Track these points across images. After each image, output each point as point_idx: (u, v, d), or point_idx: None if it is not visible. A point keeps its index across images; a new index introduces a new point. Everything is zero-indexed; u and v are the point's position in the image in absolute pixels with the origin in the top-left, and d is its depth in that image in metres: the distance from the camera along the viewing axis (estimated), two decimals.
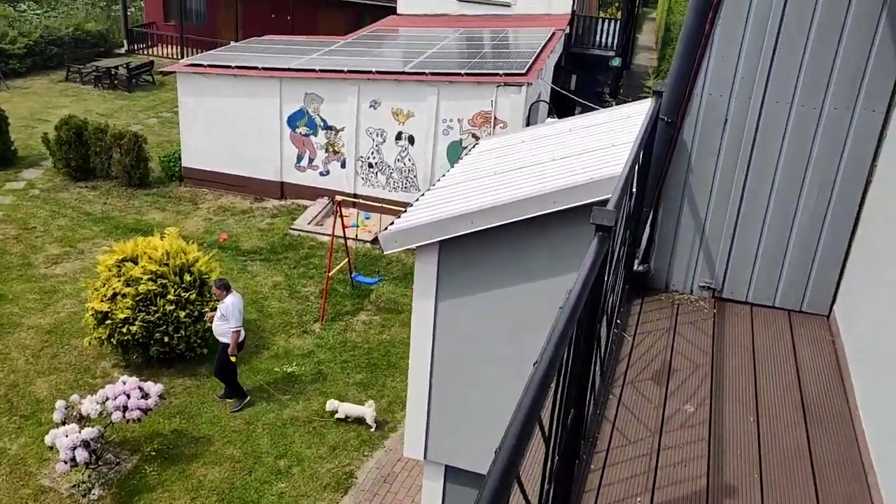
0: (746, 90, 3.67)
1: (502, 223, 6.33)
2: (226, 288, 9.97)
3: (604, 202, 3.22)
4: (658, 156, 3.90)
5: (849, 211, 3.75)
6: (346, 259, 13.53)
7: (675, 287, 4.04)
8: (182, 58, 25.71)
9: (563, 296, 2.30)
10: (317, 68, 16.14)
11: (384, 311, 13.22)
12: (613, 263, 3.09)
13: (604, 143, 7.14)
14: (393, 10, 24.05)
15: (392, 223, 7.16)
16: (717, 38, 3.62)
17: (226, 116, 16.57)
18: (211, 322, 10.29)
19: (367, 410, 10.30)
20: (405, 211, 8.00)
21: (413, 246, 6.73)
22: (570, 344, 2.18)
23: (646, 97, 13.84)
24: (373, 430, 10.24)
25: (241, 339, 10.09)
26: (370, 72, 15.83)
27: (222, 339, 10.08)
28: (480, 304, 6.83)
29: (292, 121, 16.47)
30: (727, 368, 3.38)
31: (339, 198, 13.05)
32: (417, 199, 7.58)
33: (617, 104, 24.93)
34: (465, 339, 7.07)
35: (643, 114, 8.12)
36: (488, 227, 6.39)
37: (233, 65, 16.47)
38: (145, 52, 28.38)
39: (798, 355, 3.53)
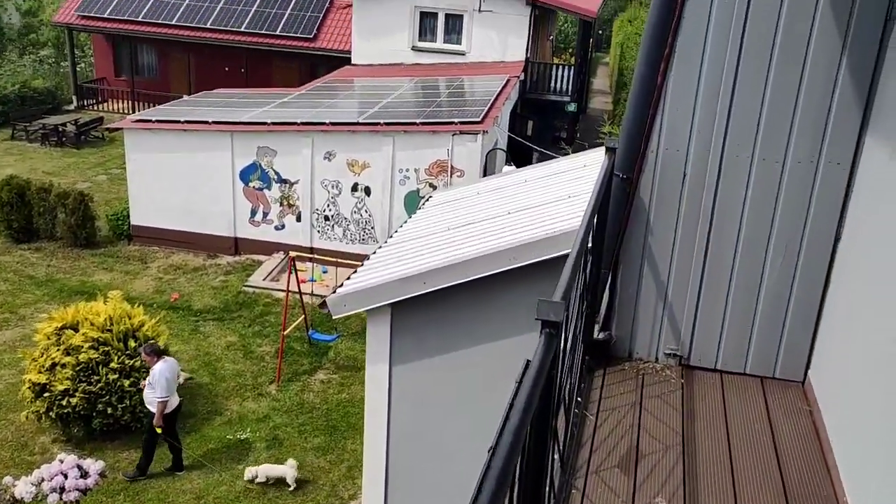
0: (704, 143, 3.44)
1: (458, 282, 6.04)
2: (156, 353, 9.40)
3: (563, 258, 2.91)
4: (615, 215, 3.64)
5: (818, 269, 3.51)
6: (303, 316, 13.07)
7: (639, 355, 3.76)
8: (134, 112, 25.27)
9: (528, 355, 2.03)
10: (269, 121, 15.85)
11: (343, 369, 12.74)
12: (569, 348, 2.77)
13: (560, 195, 6.91)
14: (348, 61, 24.00)
15: (341, 285, 6.82)
16: (671, 90, 3.40)
17: (176, 172, 16.13)
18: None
19: (288, 470, 9.76)
20: (361, 265, 7.67)
21: (364, 309, 6.39)
22: (522, 453, 1.86)
23: (602, 142, 13.83)
24: (291, 489, 9.69)
25: (171, 408, 9.51)
26: (324, 123, 15.58)
27: (151, 408, 9.51)
28: (439, 368, 6.46)
29: (245, 175, 16.09)
30: (700, 450, 3.08)
31: (293, 253, 12.64)
32: (369, 258, 7.24)
33: (574, 149, 25.07)
34: (423, 405, 6.68)
35: (599, 162, 7.96)
36: (443, 286, 6.09)
37: (182, 119, 16.10)
38: (95, 108, 27.87)
39: (775, 430, 3.24)
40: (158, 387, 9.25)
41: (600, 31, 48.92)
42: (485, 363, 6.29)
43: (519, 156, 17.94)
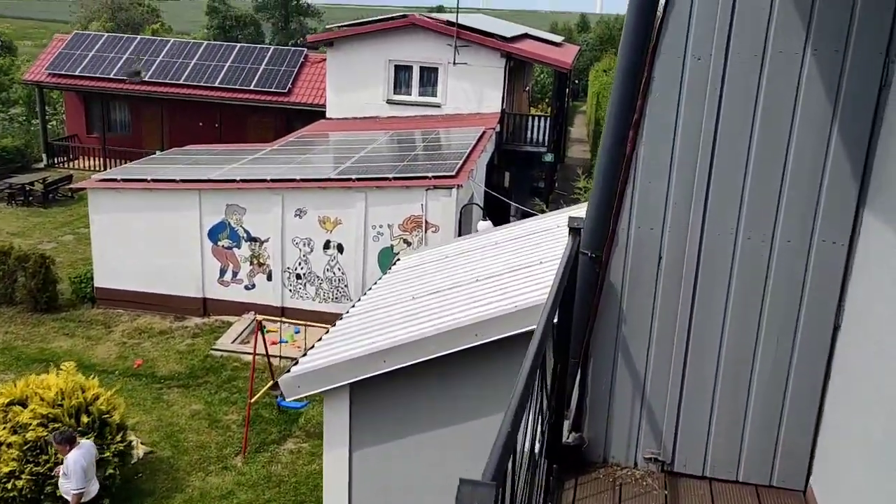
0: (681, 221, 3.03)
1: (421, 360, 5.57)
2: (68, 441, 8.63)
3: (530, 333, 2.47)
4: (583, 299, 3.20)
5: (816, 361, 3.08)
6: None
7: (615, 460, 3.27)
8: (105, 169, 24.81)
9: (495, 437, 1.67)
10: (238, 178, 15.43)
11: (314, 437, 12.08)
12: (527, 464, 2.29)
13: (531, 260, 6.49)
14: (323, 114, 23.79)
15: (312, 346, 6.31)
16: (641, 161, 3.00)
17: (142, 232, 15.61)
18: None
19: None
20: (334, 325, 7.15)
21: (320, 391, 5.88)
22: None
23: (578, 197, 13.52)
24: None
25: (88, 497, 8.78)
26: (294, 179, 15.19)
27: (68, 498, 8.78)
28: (402, 453, 5.93)
29: (213, 234, 15.59)
30: None
31: (259, 317, 12.08)
32: (328, 331, 6.75)
33: (553, 197, 24.85)
34: (385, 492, 6.12)
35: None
36: (405, 364, 5.61)
37: (149, 178, 15.64)
38: (66, 166, 27.38)
39: None
40: (74, 477, 8.52)
41: (577, 81, 49.42)
42: (451, 446, 5.78)
43: (496, 210, 17.61)
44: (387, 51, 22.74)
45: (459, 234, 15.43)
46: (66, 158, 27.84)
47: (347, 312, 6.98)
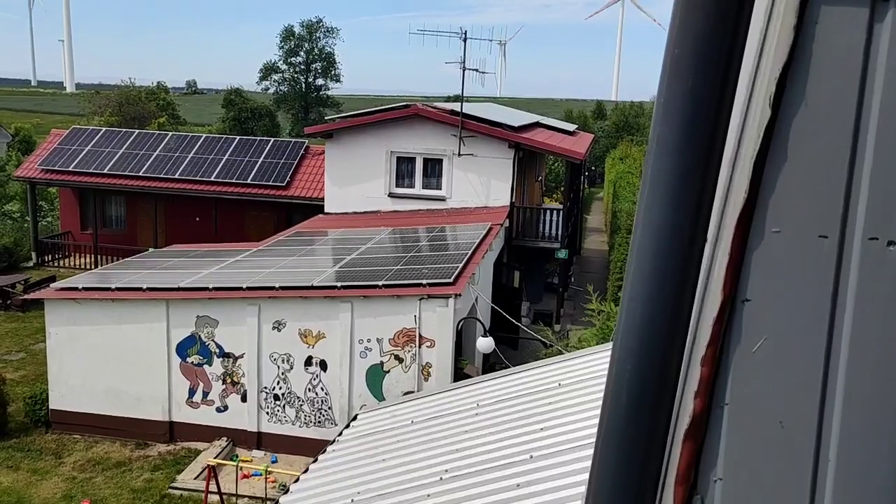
0: None
1: None
2: None
3: None
4: None
5: None
6: None
7: None
8: (97, 267, 23.42)
9: None
10: (210, 286, 13.79)
11: None
12: None
13: (521, 445, 4.59)
14: (323, 208, 22.42)
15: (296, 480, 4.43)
16: None
17: (103, 348, 13.91)
18: None
19: None
20: (319, 457, 5.29)
21: None
22: None
23: (591, 316, 11.60)
24: None
25: None
26: (272, 288, 13.51)
27: None
28: None
29: (182, 349, 13.84)
30: None
31: (211, 461, 10.14)
32: (307, 470, 4.84)
33: (567, 295, 22.98)
34: None
35: (578, 380, 5.73)
36: None
37: (113, 286, 14.05)
38: (57, 265, 26.10)
39: None
40: None
41: (593, 168, 48.27)
42: None
43: (500, 321, 15.76)
44: (388, 142, 21.49)
45: (458, 351, 13.54)
46: (58, 256, 26.60)
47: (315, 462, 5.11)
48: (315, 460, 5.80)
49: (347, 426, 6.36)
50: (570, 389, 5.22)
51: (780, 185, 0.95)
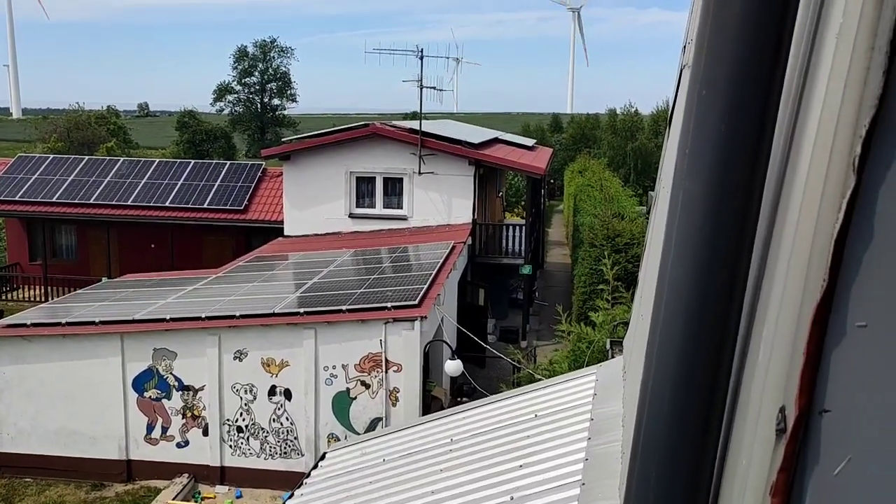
0: None
1: None
2: None
3: None
4: None
5: None
6: None
7: None
8: (48, 300, 22.62)
9: None
10: (167, 317, 13.32)
11: None
12: None
13: (501, 486, 4.35)
14: (283, 231, 22.00)
15: None
16: None
17: (55, 386, 13.32)
18: None
19: None
20: (291, 497, 4.95)
21: None
22: None
23: (561, 337, 11.46)
24: None
25: None
26: (233, 317, 13.10)
27: None
28: None
29: (139, 384, 13.32)
30: None
31: (170, 502, 9.69)
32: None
33: (533, 310, 22.86)
34: None
35: (556, 408, 5.54)
36: None
37: (64, 321, 13.48)
38: (5, 298, 25.15)
39: None
40: None
41: (552, 180, 48.50)
42: None
43: (466, 343, 15.54)
44: (347, 162, 21.22)
45: (426, 373, 13.27)
46: (5, 289, 25.64)
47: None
48: None
49: (315, 466, 6.06)
50: (547, 421, 5.01)
51: (864, 269, 0.75)
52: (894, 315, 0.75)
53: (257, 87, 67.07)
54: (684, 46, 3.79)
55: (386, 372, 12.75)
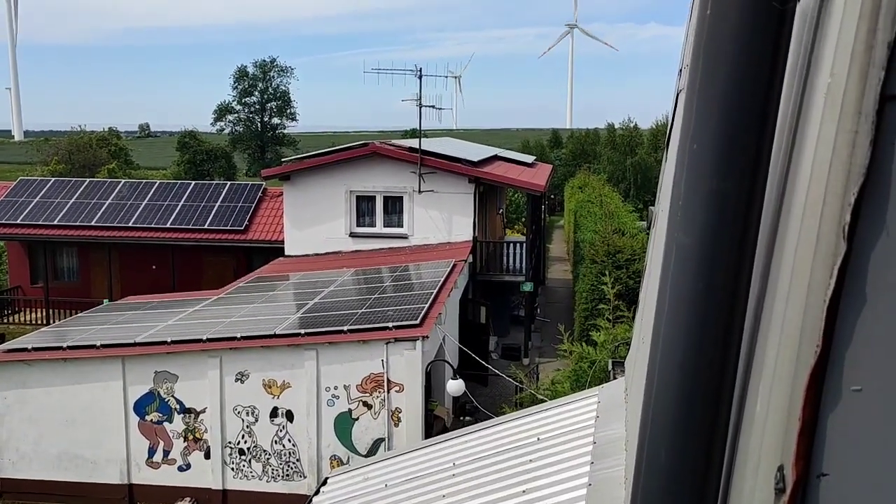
0: None
1: None
2: None
3: None
4: None
5: None
6: None
7: None
8: (50, 322, 22.62)
9: None
10: (168, 339, 13.30)
11: None
12: None
13: None
14: (284, 251, 22.02)
15: None
16: None
17: (56, 410, 13.28)
18: None
19: None
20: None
21: None
22: None
23: (562, 354, 11.46)
24: None
25: None
26: (234, 338, 13.08)
27: None
28: None
29: (140, 407, 13.28)
30: None
31: None
32: None
33: (534, 327, 22.81)
34: None
35: (560, 430, 5.51)
36: None
37: (65, 345, 13.47)
38: (7, 321, 25.14)
39: None
40: None
41: (552, 196, 48.57)
42: None
43: (467, 362, 15.48)
44: (347, 181, 21.28)
45: (428, 393, 13.23)
46: (7, 312, 25.64)
47: None
48: None
49: (317, 492, 6.03)
50: (550, 444, 4.99)
51: (858, 333, 0.75)
52: (889, 379, 0.75)
53: (257, 107, 67.37)
54: (680, 70, 3.81)
55: (388, 392, 12.71)
